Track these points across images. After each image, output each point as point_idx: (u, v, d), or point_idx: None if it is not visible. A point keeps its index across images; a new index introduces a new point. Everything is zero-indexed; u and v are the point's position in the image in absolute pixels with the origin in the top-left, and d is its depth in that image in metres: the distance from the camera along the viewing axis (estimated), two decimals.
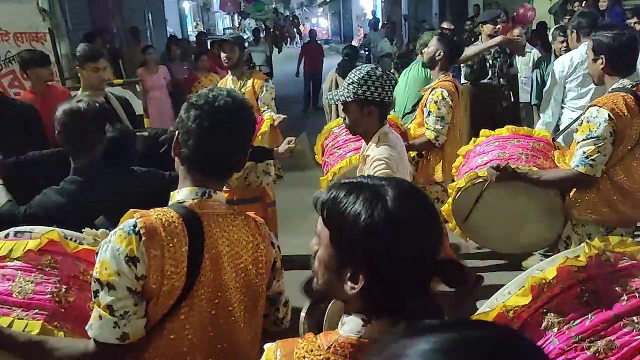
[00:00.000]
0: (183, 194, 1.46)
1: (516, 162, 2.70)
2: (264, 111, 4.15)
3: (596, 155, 2.51)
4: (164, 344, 1.37)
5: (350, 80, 2.40)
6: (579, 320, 1.28)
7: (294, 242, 3.20)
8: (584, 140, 2.53)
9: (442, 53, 3.65)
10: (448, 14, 13.46)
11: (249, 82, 4.22)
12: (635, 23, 5.04)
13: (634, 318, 1.27)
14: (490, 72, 5.20)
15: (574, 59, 4.07)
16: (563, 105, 4.24)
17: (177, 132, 1.48)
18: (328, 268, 1.04)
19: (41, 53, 4.32)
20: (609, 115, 2.47)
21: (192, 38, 14.35)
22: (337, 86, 6.97)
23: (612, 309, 1.29)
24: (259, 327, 1.56)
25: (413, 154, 3.59)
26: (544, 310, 1.31)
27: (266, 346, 1.06)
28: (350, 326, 1.01)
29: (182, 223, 1.37)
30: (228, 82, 4.37)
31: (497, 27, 5.25)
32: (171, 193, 1.49)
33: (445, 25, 6.58)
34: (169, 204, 1.46)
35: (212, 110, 1.42)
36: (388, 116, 3.03)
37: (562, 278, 1.34)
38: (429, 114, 3.50)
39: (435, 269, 1.00)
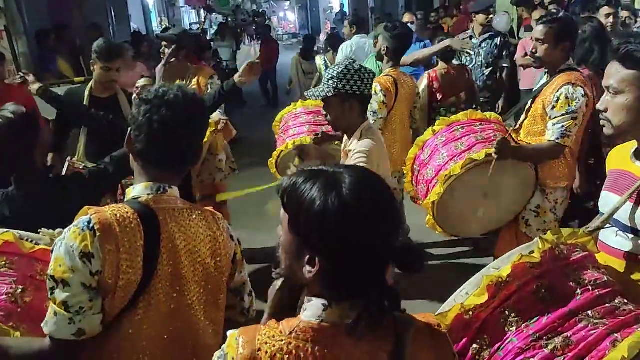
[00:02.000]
0: (138, 189, 1.47)
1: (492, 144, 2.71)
2: None
3: (574, 128, 2.77)
4: (122, 339, 1.38)
5: (330, 76, 2.42)
6: (536, 318, 1.30)
7: (246, 237, 3.20)
8: (562, 115, 2.77)
9: (386, 48, 3.73)
10: (414, 7, 13.56)
11: (194, 80, 4.12)
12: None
13: (589, 312, 1.31)
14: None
15: None
16: None
17: (129, 129, 1.48)
18: (288, 253, 1.07)
19: None
20: (584, 91, 2.76)
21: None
22: (302, 68, 7.90)
23: (567, 305, 1.31)
24: (221, 321, 1.57)
25: None
26: (502, 309, 1.33)
27: (229, 333, 1.07)
28: (311, 311, 1.03)
29: (137, 218, 1.38)
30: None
31: (490, 16, 5.36)
32: (127, 190, 1.50)
33: (407, 17, 6.61)
34: (125, 200, 1.47)
35: (162, 105, 1.43)
36: None
37: (518, 275, 1.36)
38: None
39: (392, 255, 1.03)
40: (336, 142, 3.13)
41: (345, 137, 2.60)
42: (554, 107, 2.79)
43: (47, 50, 6.92)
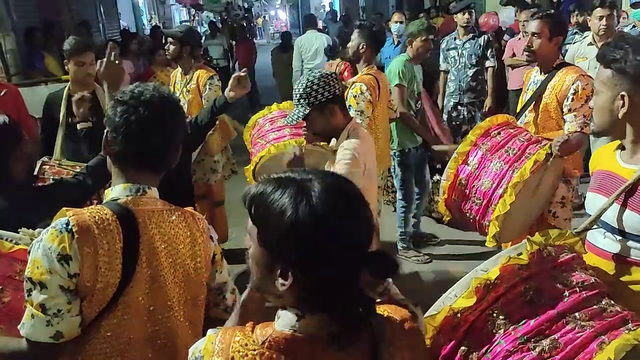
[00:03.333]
0: (117, 191, 1.45)
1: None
2: None
3: (591, 115, 2.79)
4: (100, 341, 1.36)
5: (298, 96, 2.43)
6: (524, 320, 1.28)
7: (242, 236, 3.16)
8: (582, 105, 2.89)
9: (364, 46, 3.73)
10: (405, 7, 13.58)
11: (194, 79, 4.14)
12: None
13: (576, 314, 1.30)
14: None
15: None
16: None
17: (105, 130, 1.47)
18: (259, 265, 1.02)
19: None
20: (589, 81, 2.92)
21: (147, 32, 14.01)
22: (280, 60, 9.21)
23: (555, 307, 1.30)
24: (200, 321, 1.56)
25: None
26: (490, 312, 1.31)
27: (209, 331, 1.06)
28: (284, 321, 1.01)
29: (115, 220, 1.36)
30: (178, 76, 4.33)
31: (471, 17, 5.39)
32: (105, 191, 1.48)
33: (396, 17, 6.58)
34: (103, 202, 1.45)
35: (137, 105, 1.42)
36: None
37: (505, 277, 1.34)
38: (349, 108, 3.52)
39: (364, 262, 0.99)
40: (322, 143, 3.09)
41: (333, 139, 2.58)
42: (573, 100, 2.92)
43: (35, 48, 6.85)
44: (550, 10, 3.79)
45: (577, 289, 1.35)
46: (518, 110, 3.25)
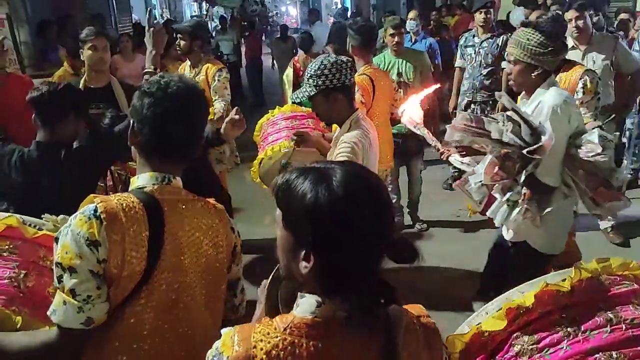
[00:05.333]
0: (143, 179, 1.46)
1: None
2: (215, 100, 4.14)
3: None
4: (123, 328, 1.37)
5: (309, 75, 2.43)
6: (552, 350, 1.23)
7: (249, 229, 3.22)
8: (592, 98, 3.15)
9: (352, 45, 3.76)
10: (416, 4, 13.53)
11: (203, 72, 4.23)
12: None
13: (613, 353, 1.20)
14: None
15: None
16: None
17: (131, 121, 1.48)
18: (284, 250, 1.06)
19: None
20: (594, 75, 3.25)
21: None
22: (279, 49, 10.39)
23: (590, 341, 1.22)
24: (220, 313, 1.57)
25: None
26: (519, 335, 1.28)
27: (223, 331, 1.07)
28: (304, 307, 1.04)
29: (142, 208, 1.37)
30: (186, 69, 4.41)
31: (489, 16, 5.36)
32: (131, 179, 1.50)
33: (411, 15, 6.56)
34: (129, 190, 1.46)
35: (165, 97, 1.43)
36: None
37: (542, 302, 1.29)
38: None
39: (384, 248, 1.02)
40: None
41: (338, 128, 2.60)
42: (583, 93, 3.14)
43: (48, 41, 6.90)
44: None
45: (624, 325, 1.25)
46: None
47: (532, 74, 2.49)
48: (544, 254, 2.60)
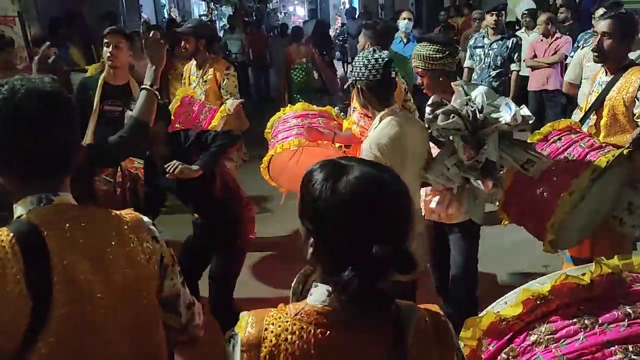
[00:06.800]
0: (19, 208, 1.26)
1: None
2: (227, 99, 4.16)
3: None
4: None
5: (354, 63, 2.58)
6: (569, 340, 1.24)
7: (258, 227, 3.21)
8: None
9: (370, 44, 3.73)
10: (424, 4, 13.49)
11: (210, 71, 4.23)
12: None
13: (629, 347, 1.21)
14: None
15: None
16: None
17: None
18: (303, 237, 1.11)
19: None
20: None
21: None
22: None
23: (607, 334, 1.23)
24: (150, 337, 1.35)
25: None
26: (536, 325, 1.29)
27: (242, 313, 1.12)
28: (315, 296, 1.08)
29: (11, 241, 1.16)
30: (192, 68, 4.41)
31: (499, 19, 5.35)
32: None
33: (405, 14, 6.34)
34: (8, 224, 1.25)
35: (9, 110, 1.20)
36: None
37: (561, 295, 1.29)
38: (353, 111, 3.58)
39: (391, 258, 1.00)
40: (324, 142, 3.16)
41: (353, 126, 2.69)
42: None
43: (58, 38, 6.91)
44: (621, 9, 3.74)
45: None
46: (583, 112, 3.16)
47: (440, 77, 2.81)
48: (479, 225, 2.86)
